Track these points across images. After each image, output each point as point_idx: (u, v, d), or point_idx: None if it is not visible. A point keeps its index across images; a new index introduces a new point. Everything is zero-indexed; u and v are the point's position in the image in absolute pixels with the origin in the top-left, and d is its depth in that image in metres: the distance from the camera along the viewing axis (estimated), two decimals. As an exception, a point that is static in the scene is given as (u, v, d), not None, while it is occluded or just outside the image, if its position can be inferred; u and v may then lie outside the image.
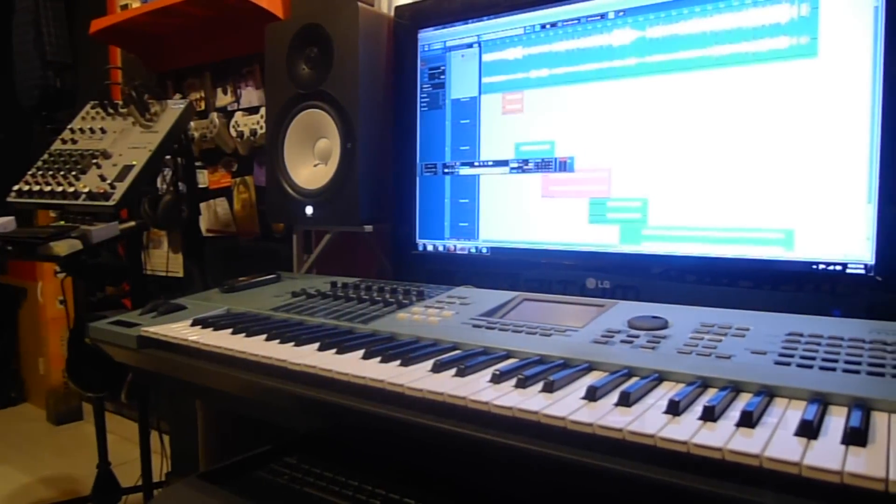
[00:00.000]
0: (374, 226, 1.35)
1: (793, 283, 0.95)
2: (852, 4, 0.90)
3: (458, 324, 0.94)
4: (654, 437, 0.55)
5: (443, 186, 1.31)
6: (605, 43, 1.11)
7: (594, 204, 1.12)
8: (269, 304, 1.15)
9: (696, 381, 0.68)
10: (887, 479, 0.46)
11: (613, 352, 0.78)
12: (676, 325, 0.84)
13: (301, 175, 1.42)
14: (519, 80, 1.20)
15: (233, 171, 2.00)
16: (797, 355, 0.71)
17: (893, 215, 0.88)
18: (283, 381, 0.82)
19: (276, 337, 0.92)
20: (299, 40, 1.39)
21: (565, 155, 1.15)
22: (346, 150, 1.33)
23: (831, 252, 0.92)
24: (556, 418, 0.60)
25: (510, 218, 1.22)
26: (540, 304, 1.01)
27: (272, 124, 1.46)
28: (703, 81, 1.01)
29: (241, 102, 1.96)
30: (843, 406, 0.60)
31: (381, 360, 0.80)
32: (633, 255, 1.08)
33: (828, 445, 0.52)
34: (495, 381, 0.70)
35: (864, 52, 0.89)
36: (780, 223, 0.95)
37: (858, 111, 0.90)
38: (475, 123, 1.26)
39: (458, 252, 1.30)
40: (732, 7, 0.99)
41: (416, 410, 0.69)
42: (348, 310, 1.06)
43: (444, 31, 1.31)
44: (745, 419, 0.56)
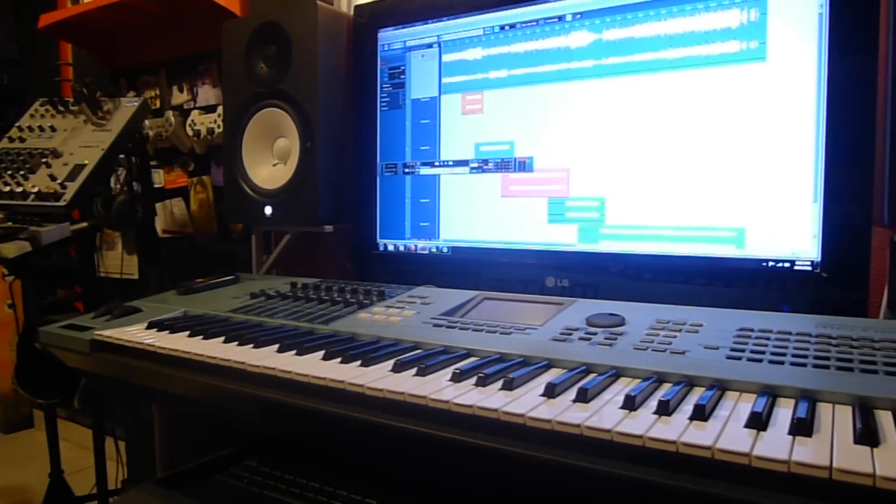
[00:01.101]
0: (334, 226, 1.34)
1: (744, 280, 0.98)
2: (798, 11, 0.93)
3: (418, 323, 0.94)
4: (611, 432, 0.56)
5: (403, 186, 1.31)
6: (562, 45, 1.12)
7: (553, 203, 1.13)
8: (227, 305, 1.13)
9: (652, 376, 0.69)
10: (831, 466, 0.48)
11: (572, 349, 0.79)
12: (633, 322, 0.86)
13: (260, 175, 1.41)
14: (478, 80, 1.21)
15: (189, 170, 1.96)
16: (748, 350, 0.73)
17: (837, 214, 0.92)
18: (243, 384, 0.81)
19: (235, 339, 0.91)
20: (257, 38, 1.38)
21: (524, 155, 1.16)
22: (306, 149, 1.32)
23: (780, 249, 0.95)
24: (515, 415, 0.60)
25: (471, 217, 1.23)
26: (500, 303, 1.02)
27: (230, 123, 1.44)
28: (658, 83, 1.03)
29: (197, 101, 1.93)
30: (790, 398, 0.63)
31: (342, 360, 0.79)
32: (591, 253, 1.10)
33: (776, 436, 0.54)
34: (455, 380, 0.70)
35: (809, 56, 0.93)
36: (731, 222, 0.98)
37: (805, 113, 0.93)
38: (435, 123, 1.27)
39: (418, 252, 1.30)
40: (685, 12, 1.01)
41: (377, 410, 0.69)
42: (308, 311, 1.06)
43: (404, 31, 1.31)
44: (698, 412, 0.58)
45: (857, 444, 0.52)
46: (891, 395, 0.60)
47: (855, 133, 0.91)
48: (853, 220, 0.92)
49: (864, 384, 0.63)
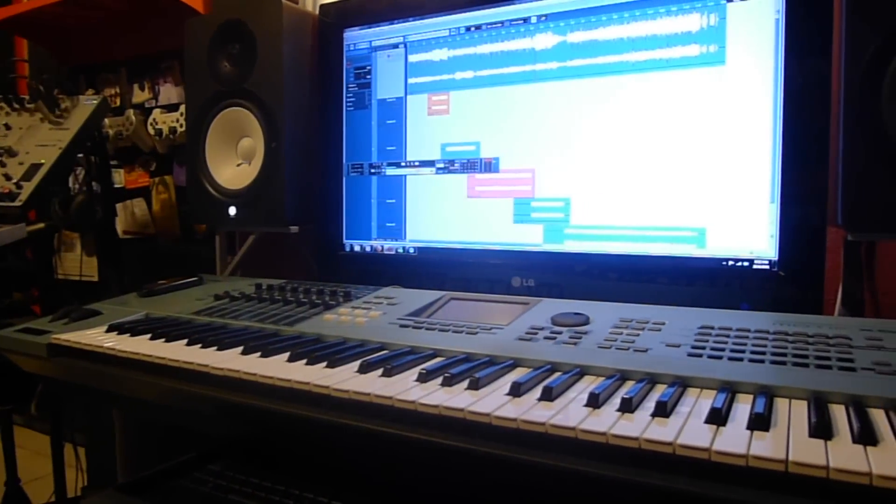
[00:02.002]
0: (299, 226, 1.33)
1: (705, 279, 1.00)
2: (756, 16, 0.96)
3: (385, 324, 0.94)
4: (575, 430, 0.56)
5: (369, 187, 1.31)
6: (528, 46, 1.13)
7: (519, 204, 1.14)
8: (190, 307, 1.11)
9: (616, 374, 0.70)
10: (787, 459, 0.49)
11: (537, 348, 0.80)
12: (597, 320, 0.87)
13: (224, 175, 1.39)
14: (445, 81, 1.22)
15: (151, 170, 1.93)
16: (708, 347, 0.75)
17: (794, 215, 0.94)
18: (206, 387, 0.80)
19: (198, 341, 0.89)
20: (221, 36, 1.36)
21: (490, 156, 1.17)
22: (271, 149, 1.30)
23: (739, 249, 0.98)
24: (481, 415, 0.61)
25: (437, 218, 1.23)
26: (466, 303, 1.02)
27: (193, 122, 1.42)
28: (622, 86, 1.05)
29: (159, 99, 1.89)
30: (749, 394, 0.64)
31: (308, 362, 0.79)
32: (556, 253, 1.11)
33: (735, 431, 0.55)
34: (422, 381, 0.71)
35: (767, 60, 0.95)
36: (692, 222, 1.00)
37: (762, 116, 0.95)
38: (401, 124, 1.27)
39: (385, 252, 1.30)
40: (647, 15, 1.03)
41: (344, 412, 0.69)
42: (273, 312, 1.05)
43: (370, 31, 1.31)
44: (660, 409, 0.59)
45: (812, 437, 0.53)
46: (844, 389, 0.62)
47: (810, 135, 0.94)
48: (809, 221, 0.95)
49: (818, 379, 0.65)
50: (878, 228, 0.84)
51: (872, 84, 0.80)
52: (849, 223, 0.84)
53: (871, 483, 0.47)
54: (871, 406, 0.60)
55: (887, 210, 0.80)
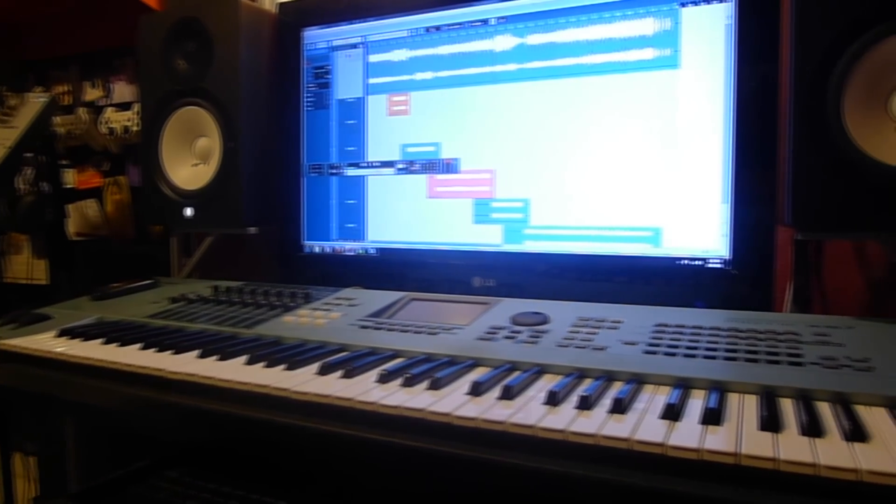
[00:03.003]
0: (258, 228, 1.32)
1: (661, 277, 1.02)
2: (708, 21, 0.98)
3: (345, 325, 0.94)
4: (534, 428, 0.57)
5: (329, 187, 1.30)
6: (487, 48, 1.14)
7: (478, 204, 1.15)
8: (145, 311, 1.09)
9: (574, 372, 0.71)
10: (738, 452, 0.51)
11: (497, 348, 0.80)
12: (556, 319, 0.88)
13: (179, 175, 1.36)
14: (405, 81, 1.21)
15: (104, 170, 1.88)
16: (664, 344, 0.76)
17: (745, 214, 0.97)
18: (162, 392, 0.78)
19: (154, 345, 0.88)
20: (175, 34, 1.34)
21: (450, 156, 1.17)
22: (228, 149, 1.28)
23: (693, 248, 1.00)
24: (441, 414, 0.61)
25: (397, 218, 1.23)
26: (427, 304, 1.02)
27: (147, 121, 1.39)
28: (580, 88, 1.06)
29: (112, 97, 1.85)
30: (702, 389, 0.66)
31: (266, 364, 0.78)
32: (516, 253, 1.12)
33: (689, 426, 0.56)
34: (382, 381, 0.70)
35: (719, 64, 0.98)
36: (648, 222, 1.02)
37: (715, 118, 0.98)
38: (361, 124, 1.26)
39: (345, 253, 1.29)
40: (604, 19, 1.05)
41: (303, 414, 0.68)
42: (231, 315, 1.03)
43: (329, 31, 1.30)
44: (617, 406, 0.60)
45: (762, 430, 0.55)
46: (792, 383, 0.64)
47: (761, 137, 0.96)
48: (759, 221, 0.98)
49: (768, 374, 0.67)
50: (826, 228, 0.87)
51: (819, 88, 0.83)
52: (797, 223, 0.86)
53: (817, 473, 0.48)
54: (817, 399, 0.62)
55: (834, 210, 0.83)
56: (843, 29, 0.82)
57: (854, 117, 0.82)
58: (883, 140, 0.82)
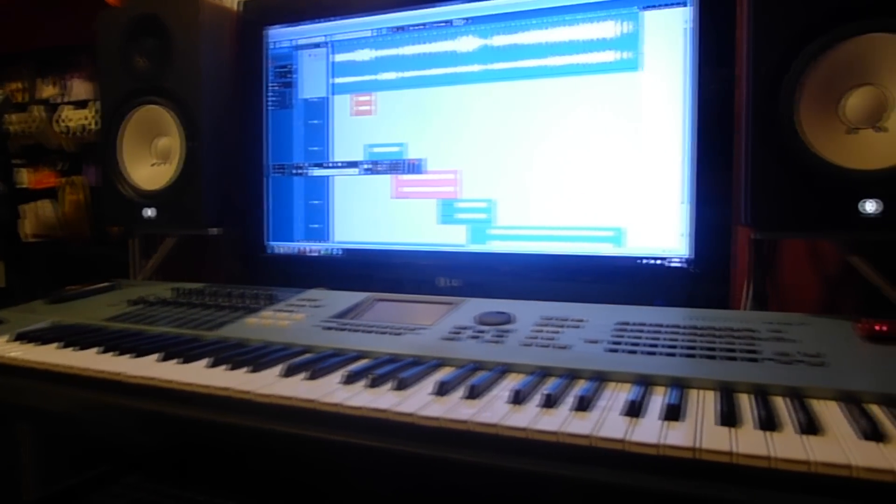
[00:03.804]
0: (220, 229, 1.30)
1: (623, 277, 1.04)
2: (669, 24, 1.00)
3: (309, 326, 0.93)
4: (498, 426, 0.57)
5: (293, 187, 1.29)
6: (451, 49, 1.14)
7: (443, 205, 1.15)
8: (103, 314, 1.07)
9: (538, 371, 0.72)
10: (696, 447, 0.52)
11: (462, 347, 0.81)
12: (520, 319, 0.89)
13: (139, 175, 1.34)
14: (369, 81, 1.21)
15: (60, 169, 1.83)
16: (625, 342, 0.78)
17: (705, 214, 0.99)
18: (121, 396, 0.77)
19: (112, 349, 0.86)
20: (134, 31, 1.31)
21: (415, 157, 1.17)
22: (189, 148, 1.26)
23: (654, 248, 1.02)
24: (405, 414, 0.61)
25: (363, 219, 1.23)
26: (392, 304, 1.02)
27: (105, 120, 1.36)
28: (543, 89, 1.07)
29: (68, 95, 1.80)
30: (663, 386, 0.67)
31: (229, 367, 0.77)
32: (480, 253, 1.12)
33: (649, 422, 0.57)
34: (347, 383, 0.70)
35: (678, 67, 0.99)
36: (610, 222, 1.04)
37: (675, 120, 1.00)
38: (326, 124, 1.25)
39: (310, 254, 1.28)
40: (566, 21, 1.06)
41: (267, 417, 0.68)
42: (193, 317, 1.02)
43: (293, 30, 1.29)
44: (580, 403, 0.61)
45: (720, 425, 0.56)
46: (748, 379, 0.66)
47: (720, 139, 0.99)
48: (718, 220, 1.00)
49: (726, 370, 0.68)
50: (781, 227, 0.89)
51: (774, 92, 0.86)
52: (754, 223, 0.88)
53: (772, 466, 0.50)
54: (773, 394, 0.64)
55: (789, 210, 0.85)
56: (796, 34, 0.84)
57: (808, 120, 0.85)
58: (835, 142, 0.84)
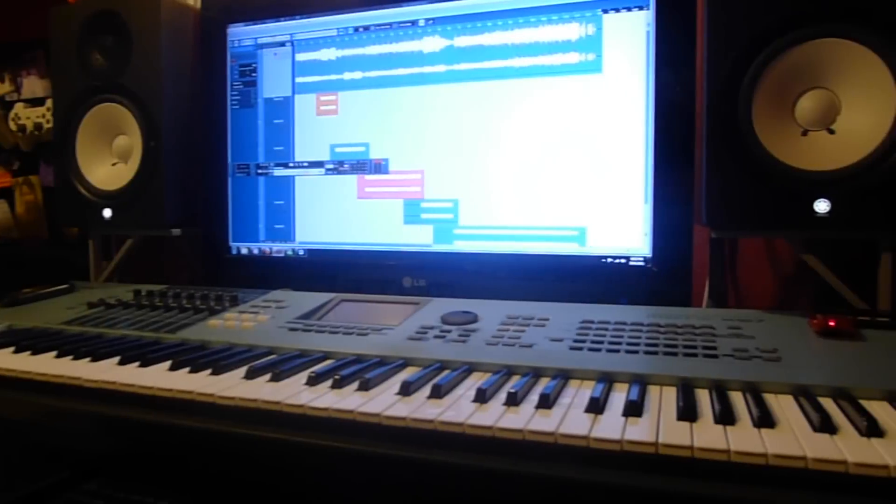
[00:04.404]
0: (182, 229, 1.28)
1: (586, 275, 1.05)
2: (629, 27, 1.02)
3: (273, 328, 0.92)
4: (463, 425, 0.58)
5: (256, 187, 1.27)
6: (416, 49, 1.14)
7: (409, 205, 1.15)
8: (60, 317, 1.04)
9: (502, 369, 0.73)
10: (657, 442, 0.53)
11: (427, 347, 0.81)
12: (485, 318, 0.90)
13: (97, 175, 1.31)
14: (333, 81, 1.20)
15: (14, 169, 1.78)
16: (588, 340, 0.79)
17: (665, 214, 1.01)
18: (79, 401, 0.75)
19: (70, 353, 0.84)
20: (91, 27, 1.28)
21: (380, 157, 1.17)
22: (149, 148, 1.24)
23: (617, 247, 1.03)
24: (371, 415, 0.61)
25: (327, 219, 1.22)
26: (357, 305, 1.02)
27: (61, 118, 1.33)
28: (507, 90, 1.08)
29: (22, 92, 1.75)
30: (625, 382, 0.68)
31: (191, 370, 0.76)
32: (446, 253, 1.13)
33: (611, 418, 0.58)
34: (311, 384, 0.70)
35: (639, 69, 1.01)
36: (574, 222, 1.05)
37: (636, 121, 1.01)
38: (289, 123, 1.24)
39: (273, 255, 1.27)
40: (530, 23, 1.07)
41: (230, 420, 0.67)
42: (154, 319, 1.00)
43: (255, 28, 1.27)
44: (544, 401, 0.62)
45: (680, 420, 0.57)
46: (708, 375, 0.67)
47: (679, 140, 1.01)
48: (678, 220, 1.02)
49: (686, 366, 0.70)
50: (738, 227, 0.92)
51: (731, 94, 0.88)
52: (712, 222, 0.91)
53: (730, 459, 0.51)
54: (731, 389, 0.65)
55: (746, 210, 0.87)
56: (750, 39, 0.86)
57: (763, 122, 0.87)
58: (789, 144, 0.87)
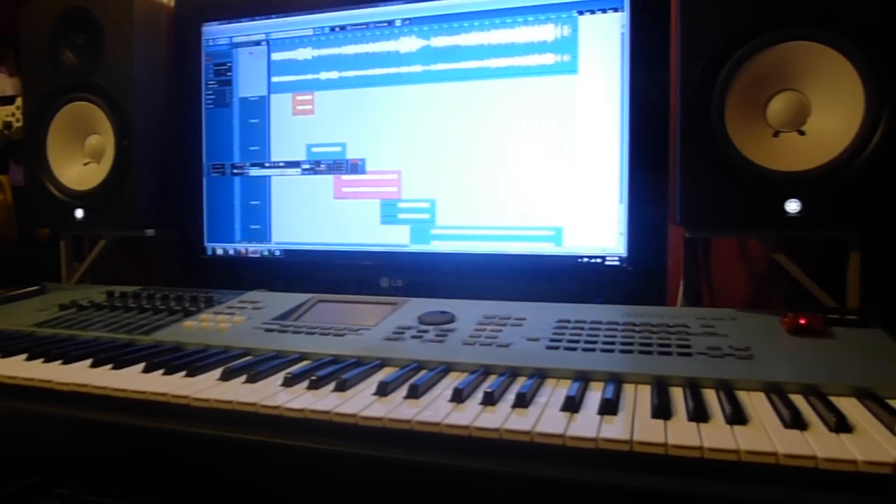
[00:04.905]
0: (156, 230, 1.26)
1: (563, 275, 1.06)
2: (604, 29, 1.03)
3: (249, 329, 0.92)
4: (440, 425, 0.58)
5: (232, 187, 1.26)
6: (392, 49, 1.14)
7: (385, 205, 1.15)
8: (31, 319, 1.02)
9: (479, 369, 0.73)
10: (632, 440, 0.53)
11: (404, 347, 0.81)
12: (462, 318, 0.90)
13: (69, 174, 1.29)
14: (309, 80, 1.20)
15: (-18, 169, 1.74)
16: (565, 340, 0.79)
17: (640, 214, 1.02)
18: (51, 405, 0.74)
19: (40, 355, 0.82)
20: (63, 25, 1.26)
21: (357, 157, 1.16)
22: (123, 147, 1.22)
23: (593, 247, 1.04)
24: (348, 415, 0.61)
25: (303, 219, 1.21)
26: (334, 305, 1.01)
27: (32, 117, 1.30)
28: (483, 91, 1.09)
29: (-9, 91, 1.72)
30: (600, 381, 0.69)
31: (165, 371, 0.75)
32: (423, 253, 1.13)
33: (587, 417, 0.59)
34: (287, 385, 0.69)
35: (614, 70, 1.02)
36: (550, 222, 1.06)
37: (611, 122, 1.02)
38: (265, 123, 1.23)
39: (249, 255, 1.26)
40: (506, 24, 1.07)
41: (205, 422, 0.66)
42: (128, 321, 0.99)
43: (230, 27, 1.26)
44: (520, 400, 0.62)
45: (654, 418, 0.58)
46: (682, 373, 0.68)
47: (654, 141, 1.02)
48: (653, 220, 1.03)
49: (660, 365, 0.71)
50: (711, 226, 0.93)
51: (704, 96, 0.89)
52: (686, 222, 0.92)
53: (703, 456, 0.52)
54: (704, 387, 0.66)
55: (719, 210, 0.88)
56: (724, 41, 0.88)
57: (735, 123, 0.88)
58: (761, 145, 0.88)
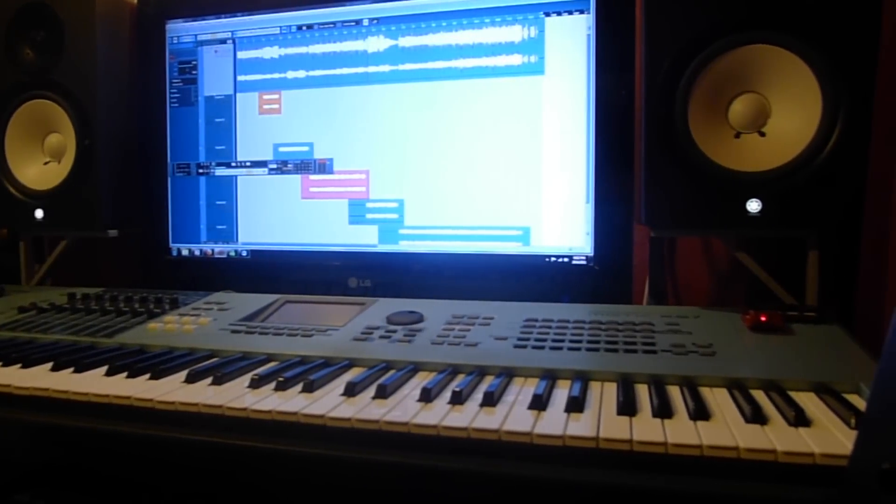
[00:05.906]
0: (119, 230, 1.24)
1: (530, 274, 1.07)
2: (570, 30, 1.04)
3: (215, 330, 0.90)
4: (408, 424, 0.58)
5: (198, 187, 1.25)
6: (360, 48, 1.14)
7: (353, 205, 1.14)
8: (-12, 322, 1.00)
9: (447, 368, 0.73)
10: (598, 437, 0.54)
11: (372, 347, 0.81)
12: (431, 318, 0.90)
13: (28, 174, 1.26)
14: (276, 80, 1.19)
15: (-64, 168, 1.69)
16: (532, 338, 0.80)
17: (606, 214, 1.03)
18: (9, 409, 0.72)
19: (-2, 359, 0.80)
20: (21, 20, 1.23)
21: (324, 157, 1.16)
22: (84, 147, 1.20)
23: (560, 246, 1.05)
24: (315, 416, 0.61)
25: (271, 219, 1.20)
26: (302, 306, 1.01)
27: (-12, 115, 1.27)
28: (451, 91, 1.09)
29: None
30: (567, 379, 0.69)
31: (128, 374, 0.74)
32: (391, 253, 1.13)
33: (553, 415, 0.60)
34: (254, 386, 0.69)
35: (580, 72, 1.03)
36: (517, 221, 1.06)
37: (577, 123, 1.03)
38: (231, 122, 1.22)
39: (216, 256, 1.24)
40: (474, 24, 1.08)
41: (170, 425, 0.65)
42: (90, 323, 0.97)
43: (195, 24, 1.24)
44: (488, 399, 0.62)
45: (619, 415, 0.59)
46: (646, 370, 0.69)
47: (619, 141, 1.03)
48: (619, 219, 1.05)
49: (626, 363, 0.72)
50: (676, 226, 0.94)
51: (668, 97, 0.90)
52: (650, 222, 0.93)
53: (667, 451, 0.53)
54: (668, 383, 0.67)
55: (683, 209, 0.90)
56: (687, 43, 0.89)
57: (698, 125, 0.90)
58: (723, 145, 0.90)
